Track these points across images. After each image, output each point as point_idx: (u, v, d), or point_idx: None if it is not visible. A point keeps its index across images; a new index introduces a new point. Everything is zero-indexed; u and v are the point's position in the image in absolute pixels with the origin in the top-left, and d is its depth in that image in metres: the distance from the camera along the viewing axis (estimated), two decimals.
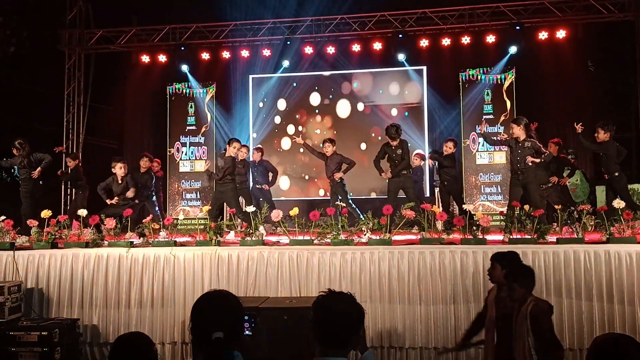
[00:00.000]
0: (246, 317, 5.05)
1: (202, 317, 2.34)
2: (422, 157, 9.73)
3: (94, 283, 6.02)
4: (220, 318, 2.31)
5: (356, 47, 11.18)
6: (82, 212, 6.61)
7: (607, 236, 5.56)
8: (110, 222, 6.46)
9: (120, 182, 7.89)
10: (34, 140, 7.99)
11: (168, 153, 11.29)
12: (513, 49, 10.52)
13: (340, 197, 8.14)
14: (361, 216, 7.30)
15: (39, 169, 7.79)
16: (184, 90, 11.74)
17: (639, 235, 5.63)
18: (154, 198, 8.94)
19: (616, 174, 7.04)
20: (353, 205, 8.13)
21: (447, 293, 5.49)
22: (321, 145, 8.70)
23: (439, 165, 8.76)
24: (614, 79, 10.92)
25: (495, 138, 7.72)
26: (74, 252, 6.11)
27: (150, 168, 8.99)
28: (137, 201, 8.14)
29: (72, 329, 5.76)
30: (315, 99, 11.95)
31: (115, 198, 7.78)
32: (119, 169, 7.92)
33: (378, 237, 5.97)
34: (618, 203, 5.80)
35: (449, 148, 8.62)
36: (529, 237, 5.73)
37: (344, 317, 2.27)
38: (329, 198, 8.63)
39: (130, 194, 7.85)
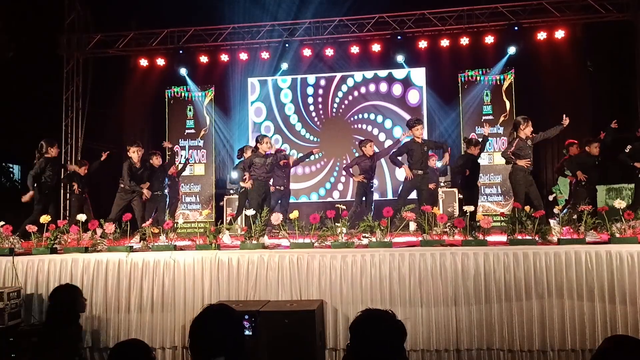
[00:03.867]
0: (246, 317, 5.04)
1: (202, 338, 2.21)
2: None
3: (93, 288, 6.00)
4: (220, 337, 2.21)
5: (355, 49, 11.19)
6: (81, 217, 6.60)
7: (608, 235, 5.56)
8: (109, 227, 6.44)
9: (139, 166, 7.81)
10: (33, 145, 7.97)
11: (167, 156, 11.27)
12: (512, 50, 10.52)
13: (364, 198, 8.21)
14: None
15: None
16: (183, 94, 11.76)
17: None
18: (167, 191, 9.04)
19: None
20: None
21: (448, 295, 5.46)
22: (362, 145, 8.34)
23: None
24: (613, 78, 10.89)
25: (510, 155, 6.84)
26: (73, 257, 6.09)
27: (162, 164, 9.02)
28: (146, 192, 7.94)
29: None
30: (314, 99, 11.95)
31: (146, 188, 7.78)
32: (135, 154, 7.80)
33: (378, 239, 5.95)
34: (619, 203, 5.78)
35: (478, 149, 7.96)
36: (530, 237, 5.71)
37: (385, 337, 2.12)
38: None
39: (144, 188, 7.78)
